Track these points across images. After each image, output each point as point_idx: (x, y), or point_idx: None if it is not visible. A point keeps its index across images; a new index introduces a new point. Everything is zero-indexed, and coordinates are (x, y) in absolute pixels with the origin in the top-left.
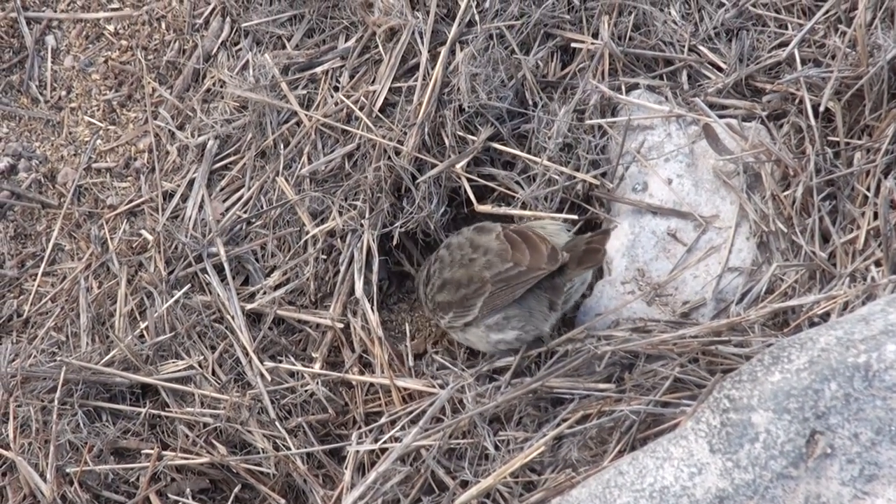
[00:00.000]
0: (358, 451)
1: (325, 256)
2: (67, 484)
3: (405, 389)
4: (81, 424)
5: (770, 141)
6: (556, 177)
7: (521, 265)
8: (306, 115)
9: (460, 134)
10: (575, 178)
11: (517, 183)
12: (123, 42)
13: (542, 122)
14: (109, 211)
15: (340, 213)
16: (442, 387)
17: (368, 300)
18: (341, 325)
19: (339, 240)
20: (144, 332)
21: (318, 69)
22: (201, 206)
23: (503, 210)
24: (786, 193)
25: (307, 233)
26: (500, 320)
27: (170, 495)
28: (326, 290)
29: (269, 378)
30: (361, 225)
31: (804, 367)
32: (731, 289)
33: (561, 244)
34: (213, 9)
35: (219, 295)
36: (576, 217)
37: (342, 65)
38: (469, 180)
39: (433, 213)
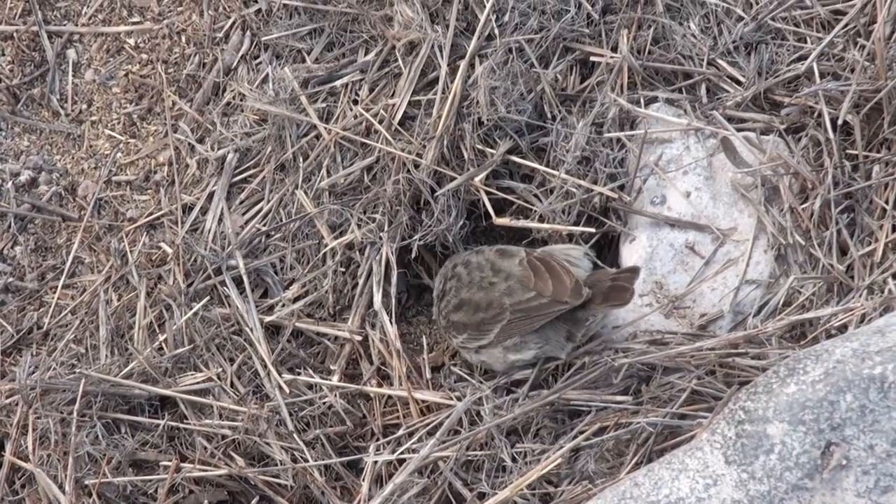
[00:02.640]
0: (376, 463)
1: (343, 269)
2: (86, 496)
3: (423, 402)
4: (100, 436)
5: (788, 154)
6: (574, 189)
7: (543, 296)
8: (325, 129)
9: (479, 147)
10: (592, 190)
11: (535, 196)
12: (144, 55)
13: (561, 136)
14: (129, 224)
15: (359, 226)
16: (459, 399)
17: (387, 313)
18: (359, 338)
19: (357, 252)
20: (163, 345)
21: (338, 82)
22: (221, 219)
23: (521, 223)
24: (804, 206)
25: (326, 245)
26: (518, 342)
27: None
28: (345, 303)
29: (287, 390)
30: (380, 238)
31: (820, 378)
32: (748, 301)
33: (584, 274)
34: (234, 23)
35: (237, 307)
36: (593, 230)
37: (361, 78)
38: (487, 193)
39: (452, 227)
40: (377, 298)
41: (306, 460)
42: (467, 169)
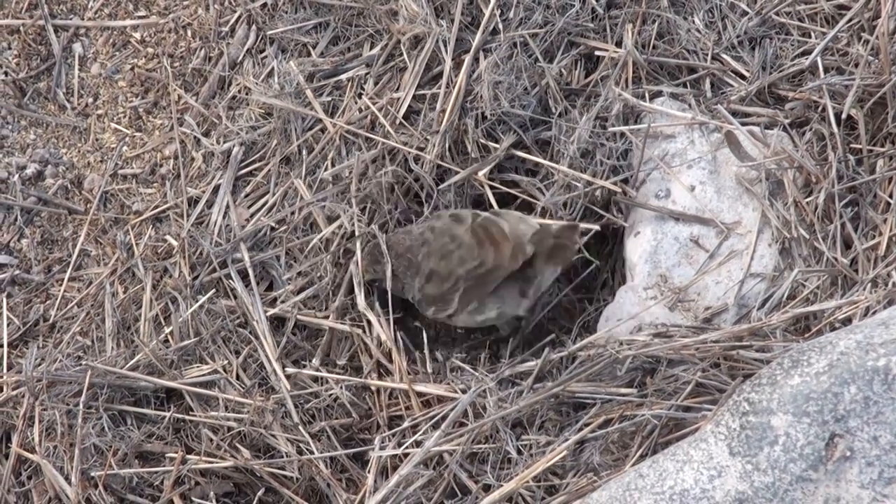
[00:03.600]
0: (381, 456)
1: (344, 261)
2: (92, 487)
3: (426, 394)
4: (106, 428)
5: (792, 148)
6: (576, 183)
7: (486, 264)
8: (331, 122)
9: (483, 142)
10: (594, 184)
11: (539, 189)
12: (150, 49)
13: (564, 130)
14: (135, 217)
15: (362, 219)
16: (463, 391)
17: (386, 305)
18: (360, 331)
19: (359, 245)
20: (169, 337)
21: (343, 76)
22: (226, 212)
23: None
24: (808, 200)
25: (328, 238)
26: (477, 306)
27: (194, 499)
28: (346, 295)
29: (292, 382)
30: (383, 230)
31: (824, 370)
32: (752, 294)
33: (529, 232)
34: (239, 17)
35: (243, 300)
36: (597, 227)
37: (367, 72)
38: (491, 187)
39: None
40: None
41: (312, 452)
42: (471, 163)
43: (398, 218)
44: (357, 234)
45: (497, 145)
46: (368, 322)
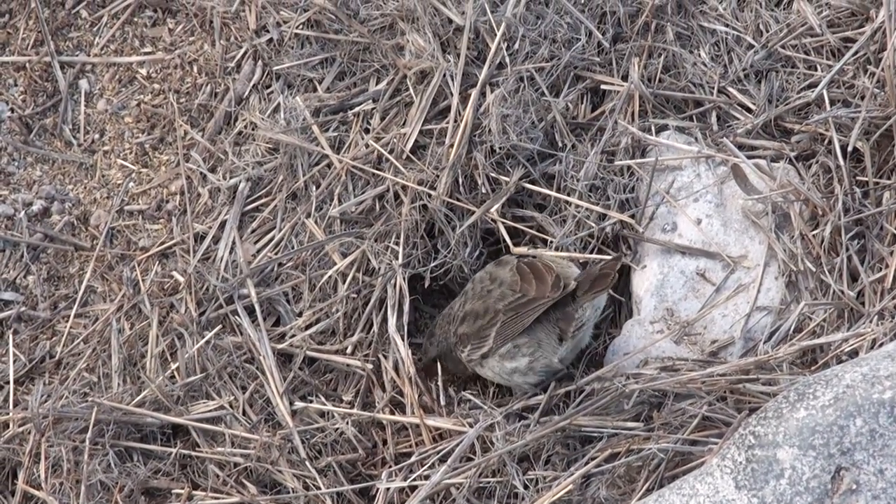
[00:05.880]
0: (388, 490)
1: (355, 296)
2: None
3: (435, 429)
4: (112, 464)
5: (799, 181)
6: (587, 220)
7: (528, 294)
8: (337, 158)
9: (492, 175)
10: (607, 217)
11: (550, 224)
12: (156, 85)
13: (571, 164)
14: (141, 253)
15: (371, 255)
16: (471, 426)
17: (400, 339)
18: (370, 366)
19: (370, 281)
20: (175, 373)
21: (350, 112)
22: (232, 248)
23: (539, 252)
24: (814, 233)
25: (338, 274)
26: (510, 349)
27: None
28: (357, 331)
29: (299, 418)
30: (392, 266)
31: (829, 403)
32: (759, 327)
33: (572, 275)
34: (245, 52)
35: (250, 336)
36: (609, 257)
37: (373, 107)
38: (503, 223)
39: (468, 259)
40: (392, 322)
41: (318, 488)
42: (480, 197)
43: (419, 256)
44: (374, 269)
45: (507, 178)
46: (383, 356)
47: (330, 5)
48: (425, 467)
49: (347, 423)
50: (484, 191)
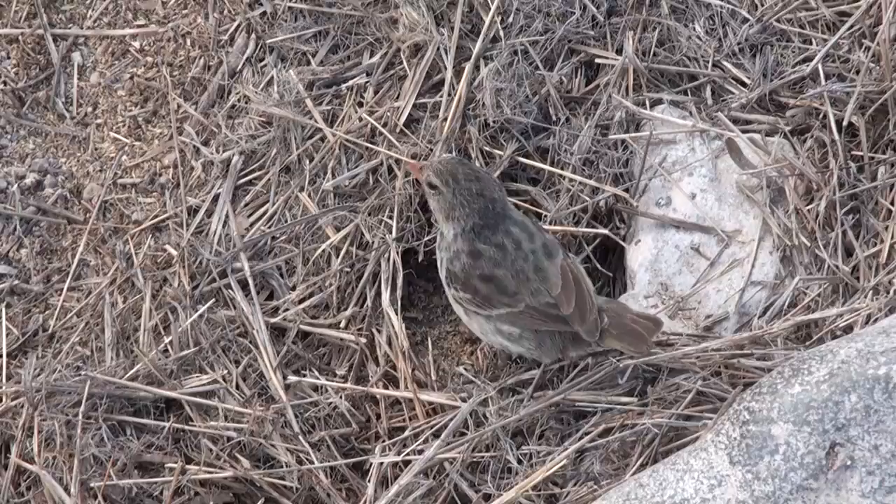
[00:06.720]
0: (381, 464)
1: (348, 270)
2: (91, 498)
3: (429, 403)
4: (105, 438)
5: (793, 155)
6: (581, 194)
7: (560, 310)
8: (331, 132)
9: (486, 149)
10: (600, 191)
11: (544, 198)
12: (149, 59)
13: (565, 138)
14: (134, 226)
15: (365, 229)
16: (464, 400)
17: (394, 313)
18: (364, 340)
19: (363, 255)
20: (168, 347)
21: (343, 85)
22: (226, 222)
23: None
24: (809, 208)
25: (331, 248)
26: (513, 332)
27: None
28: (351, 305)
29: (292, 392)
30: (385, 240)
31: (824, 379)
32: (753, 302)
33: (602, 303)
34: (238, 25)
35: (243, 309)
36: (606, 231)
37: (367, 81)
38: None
39: None
40: (385, 296)
41: (312, 462)
42: None
43: (412, 230)
44: (368, 243)
45: (500, 152)
46: (377, 330)
47: None
48: (419, 442)
49: (341, 397)
50: (477, 165)
